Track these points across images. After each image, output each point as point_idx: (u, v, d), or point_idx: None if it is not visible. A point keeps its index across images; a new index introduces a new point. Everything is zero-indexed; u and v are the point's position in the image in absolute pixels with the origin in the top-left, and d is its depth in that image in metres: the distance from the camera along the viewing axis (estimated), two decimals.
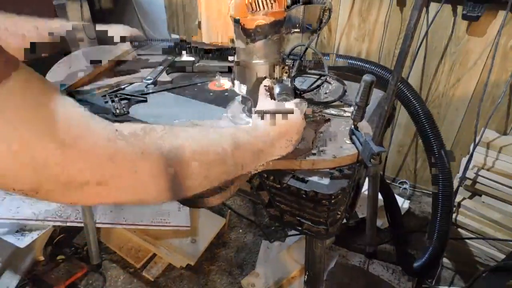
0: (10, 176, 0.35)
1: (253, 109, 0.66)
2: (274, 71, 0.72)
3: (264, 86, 0.69)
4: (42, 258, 1.50)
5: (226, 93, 0.94)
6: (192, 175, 0.48)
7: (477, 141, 1.37)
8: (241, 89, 0.74)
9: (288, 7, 0.70)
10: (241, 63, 0.71)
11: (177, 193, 0.48)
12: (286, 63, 0.74)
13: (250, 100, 0.76)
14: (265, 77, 0.72)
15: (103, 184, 0.40)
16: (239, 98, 0.83)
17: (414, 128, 1.69)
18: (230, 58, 0.74)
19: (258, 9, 0.64)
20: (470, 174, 1.31)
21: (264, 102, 0.66)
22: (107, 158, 0.39)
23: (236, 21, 0.66)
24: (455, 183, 1.38)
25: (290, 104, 0.66)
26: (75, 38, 0.87)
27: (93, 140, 0.39)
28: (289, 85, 0.74)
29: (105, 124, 0.41)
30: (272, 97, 0.68)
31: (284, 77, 0.76)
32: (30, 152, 0.35)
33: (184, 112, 0.87)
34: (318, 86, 0.90)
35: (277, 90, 0.70)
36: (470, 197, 1.36)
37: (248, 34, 0.67)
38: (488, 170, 1.28)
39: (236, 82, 0.75)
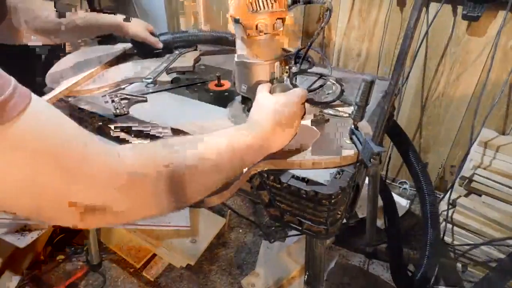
0: (12, 202, 0.36)
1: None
2: (274, 71, 0.72)
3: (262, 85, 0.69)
4: (42, 258, 1.50)
5: (226, 93, 0.94)
6: (192, 185, 0.49)
7: (475, 140, 1.37)
8: (242, 88, 0.74)
9: (288, 6, 0.69)
10: (241, 63, 0.71)
11: (178, 205, 0.48)
12: (287, 63, 0.74)
13: (251, 99, 0.76)
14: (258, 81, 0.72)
15: (105, 209, 0.40)
16: (239, 98, 0.83)
17: (414, 128, 1.70)
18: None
19: (258, 9, 0.63)
20: (468, 173, 1.31)
21: (262, 97, 0.66)
22: (108, 183, 0.40)
23: (236, 21, 0.65)
24: (455, 182, 1.39)
25: (286, 95, 0.65)
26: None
27: (94, 166, 0.39)
28: (290, 85, 0.74)
29: (107, 148, 0.42)
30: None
31: (285, 77, 0.76)
32: (34, 178, 0.35)
33: (184, 112, 0.87)
34: (320, 87, 0.90)
35: (277, 90, 0.70)
36: (466, 195, 1.37)
37: (249, 34, 0.66)
38: (487, 169, 1.28)
39: (237, 81, 0.75)
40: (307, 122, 0.77)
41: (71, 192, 0.37)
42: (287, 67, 0.74)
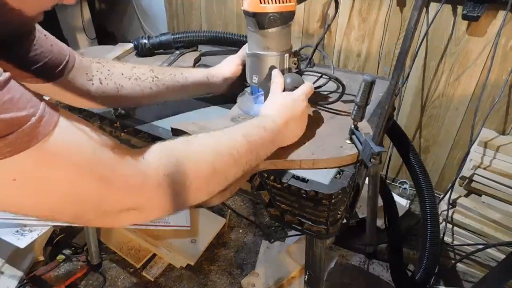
0: (55, 212, 0.39)
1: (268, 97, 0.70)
2: (284, 62, 0.75)
3: (275, 77, 0.73)
4: (42, 258, 1.50)
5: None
6: (213, 181, 0.52)
7: (475, 140, 1.37)
8: (253, 79, 0.77)
9: (298, 0, 0.72)
10: (253, 54, 0.74)
11: (202, 199, 0.52)
12: (295, 55, 0.77)
13: (262, 90, 0.79)
14: (272, 67, 0.74)
15: (137, 209, 0.44)
16: (248, 90, 0.85)
17: (414, 128, 1.70)
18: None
19: (270, 2, 0.67)
20: (468, 173, 1.31)
21: (274, 94, 0.70)
22: (139, 185, 0.43)
23: (249, 14, 0.68)
24: (455, 182, 1.39)
25: (295, 93, 0.70)
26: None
27: (125, 170, 0.42)
28: (299, 76, 0.76)
29: (132, 152, 0.44)
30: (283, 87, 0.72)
31: (293, 68, 0.78)
32: (73, 189, 0.38)
33: (184, 111, 0.87)
34: (321, 86, 0.90)
35: (287, 80, 0.72)
36: (466, 195, 1.37)
37: (261, 27, 0.69)
38: (487, 169, 1.28)
39: (248, 73, 0.78)
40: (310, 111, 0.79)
41: (107, 196, 0.40)
42: (295, 58, 0.77)
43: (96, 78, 0.72)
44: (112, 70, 0.74)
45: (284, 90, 0.72)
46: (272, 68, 0.75)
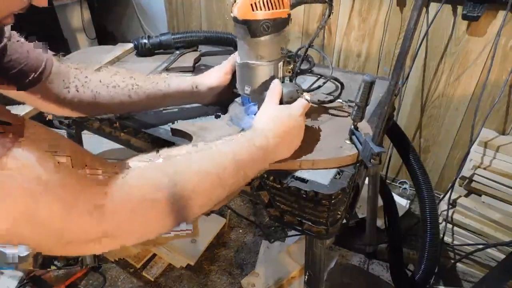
0: (15, 236, 0.35)
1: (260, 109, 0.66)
2: (278, 71, 0.72)
3: (274, 88, 0.69)
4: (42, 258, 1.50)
5: None
6: (196, 202, 0.49)
7: (475, 140, 1.37)
8: (245, 90, 0.73)
9: (292, 6, 0.69)
10: (244, 64, 0.70)
11: (184, 221, 0.48)
12: (289, 62, 0.74)
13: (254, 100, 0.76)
14: (272, 77, 0.71)
15: (108, 237, 0.40)
16: (239, 100, 0.82)
17: (414, 128, 1.70)
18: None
19: (262, 9, 0.63)
20: (468, 173, 1.31)
21: (268, 105, 0.66)
22: (110, 212, 0.39)
23: (240, 22, 0.65)
24: (455, 182, 1.39)
25: (292, 107, 0.66)
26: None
27: (97, 192, 0.38)
28: (296, 85, 0.73)
29: (108, 171, 0.41)
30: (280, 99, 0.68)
31: (287, 76, 0.76)
32: (35, 213, 0.34)
33: (184, 112, 0.87)
34: (320, 87, 0.90)
35: (284, 90, 0.69)
36: (466, 195, 1.37)
37: (253, 35, 0.65)
38: (487, 169, 1.28)
39: (239, 83, 0.75)
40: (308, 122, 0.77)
41: (72, 224, 0.37)
42: (289, 67, 0.74)
43: (73, 85, 0.70)
44: (90, 77, 0.72)
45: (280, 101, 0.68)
46: (272, 78, 0.71)
